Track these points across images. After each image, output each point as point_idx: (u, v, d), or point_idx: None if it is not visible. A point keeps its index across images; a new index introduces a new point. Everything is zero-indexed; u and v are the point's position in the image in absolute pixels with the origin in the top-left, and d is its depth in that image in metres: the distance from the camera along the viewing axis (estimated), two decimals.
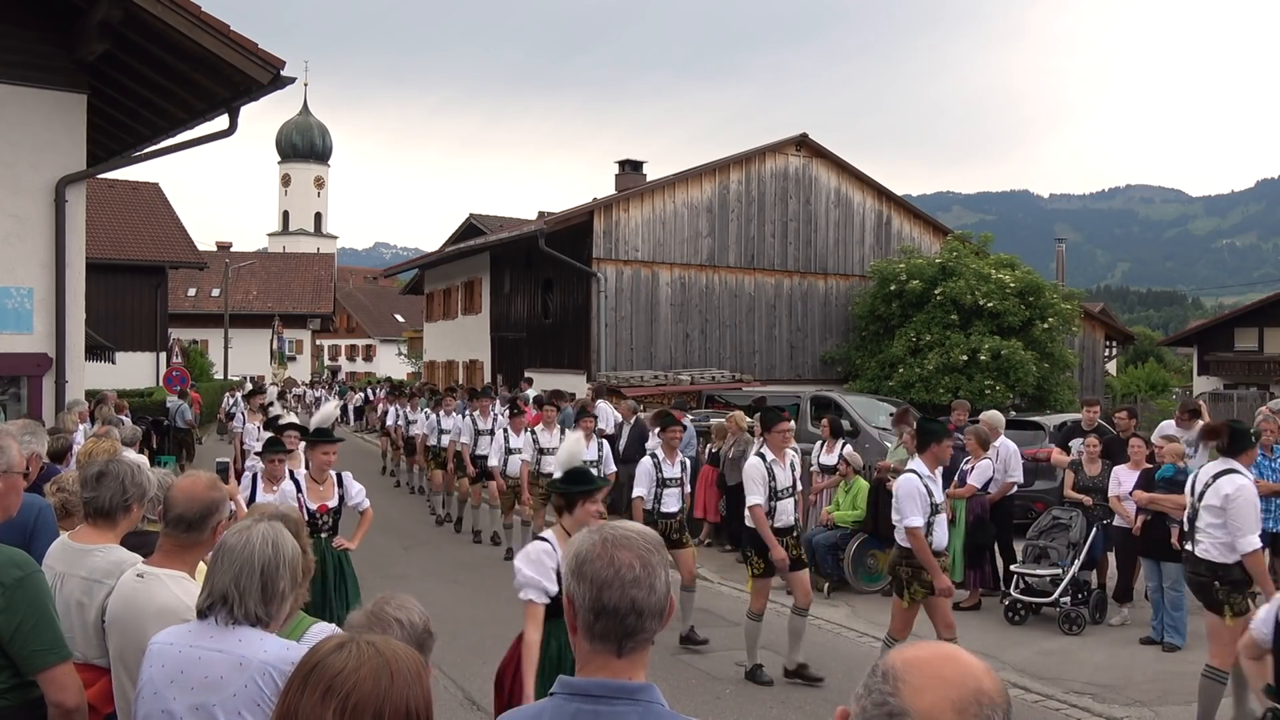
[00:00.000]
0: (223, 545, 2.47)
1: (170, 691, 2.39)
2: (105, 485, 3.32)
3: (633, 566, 1.84)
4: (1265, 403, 11.59)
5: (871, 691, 1.37)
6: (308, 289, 57.20)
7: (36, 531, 3.66)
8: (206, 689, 2.36)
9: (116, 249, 30.59)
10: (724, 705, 6.71)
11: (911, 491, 6.33)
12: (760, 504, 7.00)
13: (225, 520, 3.09)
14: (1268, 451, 8.35)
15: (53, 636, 2.82)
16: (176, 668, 2.41)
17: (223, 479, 5.58)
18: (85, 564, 3.22)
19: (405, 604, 2.62)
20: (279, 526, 2.55)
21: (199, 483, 3.05)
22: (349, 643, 1.70)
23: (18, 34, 9.68)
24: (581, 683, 1.83)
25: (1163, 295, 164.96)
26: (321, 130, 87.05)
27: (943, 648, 1.42)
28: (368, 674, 1.63)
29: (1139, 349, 45.41)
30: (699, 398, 18.07)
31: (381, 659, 1.65)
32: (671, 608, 1.90)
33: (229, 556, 2.43)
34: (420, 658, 1.75)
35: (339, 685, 1.61)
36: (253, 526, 2.49)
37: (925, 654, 1.39)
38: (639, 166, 27.38)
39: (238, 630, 2.40)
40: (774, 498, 7.10)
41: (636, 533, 1.91)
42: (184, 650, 2.42)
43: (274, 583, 2.43)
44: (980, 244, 24.16)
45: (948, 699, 1.32)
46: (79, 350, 10.45)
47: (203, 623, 2.45)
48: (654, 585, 1.85)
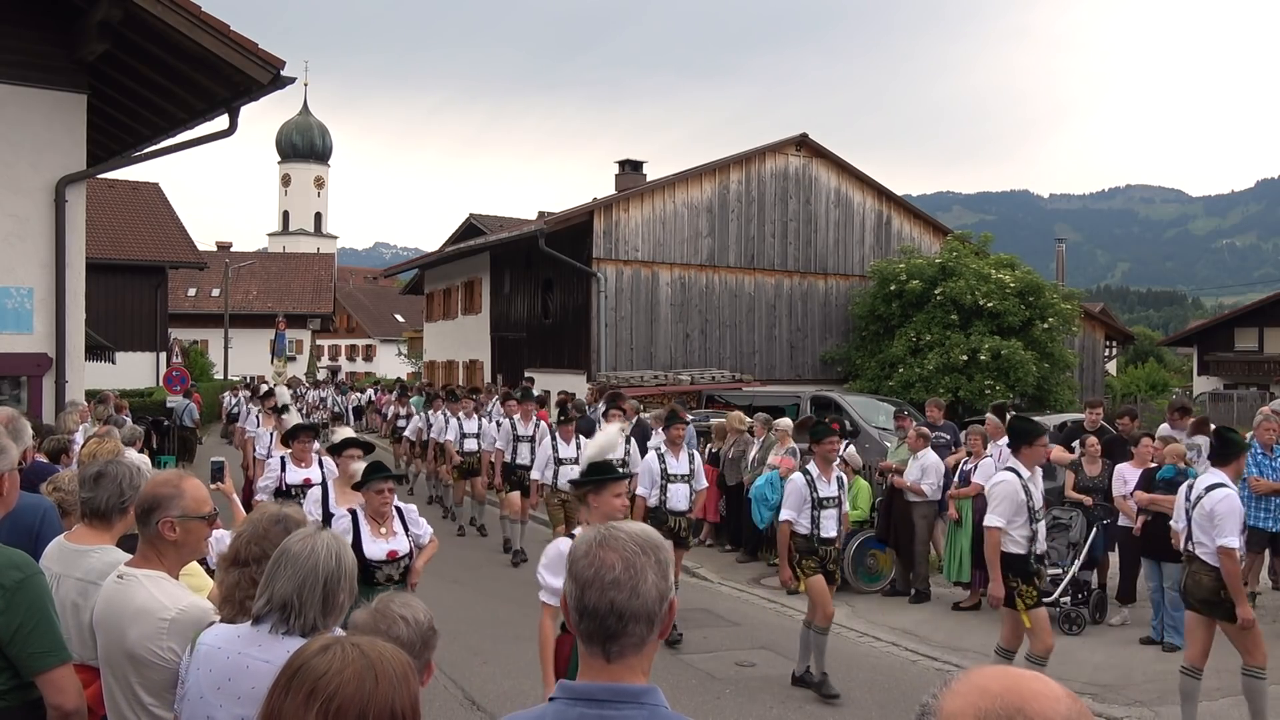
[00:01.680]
0: (286, 553, 2.41)
1: (216, 699, 2.35)
2: (103, 486, 3.30)
3: (614, 567, 1.77)
4: (1265, 403, 11.59)
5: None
6: (308, 289, 57.17)
7: (43, 533, 3.64)
8: (253, 701, 2.28)
9: (116, 249, 30.60)
10: (724, 705, 6.71)
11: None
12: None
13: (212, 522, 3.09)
14: (1268, 451, 8.35)
15: (52, 639, 2.81)
16: (224, 674, 2.37)
17: (218, 478, 5.56)
18: (81, 565, 3.21)
19: (409, 602, 2.62)
20: (339, 536, 2.52)
21: (156, 477, 3.07)
22: (334, 644, 1.68)
23: (18, 34, 9.68)
24: (583, 686, 1.79)
25: (1163, 295, 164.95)
26: (321, 130, 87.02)
27: (1014, 672, 1.32)
28: (351, 676, 1.61)
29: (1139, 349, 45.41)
30: (699, 398, 18.07)
31: (366, 660, 1.63)
32: (669, 615, 1.81)
33: (293, 564, 2.38)
34: (407, 659, 1.72)
35: (322, 688, 1.60)
36: (316, 535, 2.45)
37: (993, 670, 1.32)
38: (639, 166, 27.39)
39: (287, 640, 2.34)
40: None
41: (629, 533, 1.83)
42: (233, 657, 2.38)
43: (335, 595, 2.40)
44: (980, 244, 24.15)
45: (974, 706, 1.24)
46: (79, 350, 10.45)
47: (254, 629, 2.40)
48: (637, 588, 1.76)
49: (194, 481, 3.11)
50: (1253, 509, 8.39)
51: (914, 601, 9.78)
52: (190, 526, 3.00)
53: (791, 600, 9.83)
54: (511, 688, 6.90)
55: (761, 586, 10.55)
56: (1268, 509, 8.35)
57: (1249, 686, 5.89)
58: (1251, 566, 8.64)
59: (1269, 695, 5.93)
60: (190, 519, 2.99)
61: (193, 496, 3.04)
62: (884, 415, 14.97)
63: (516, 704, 6.61)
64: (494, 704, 6.52)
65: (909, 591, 9.95)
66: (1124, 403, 21.26)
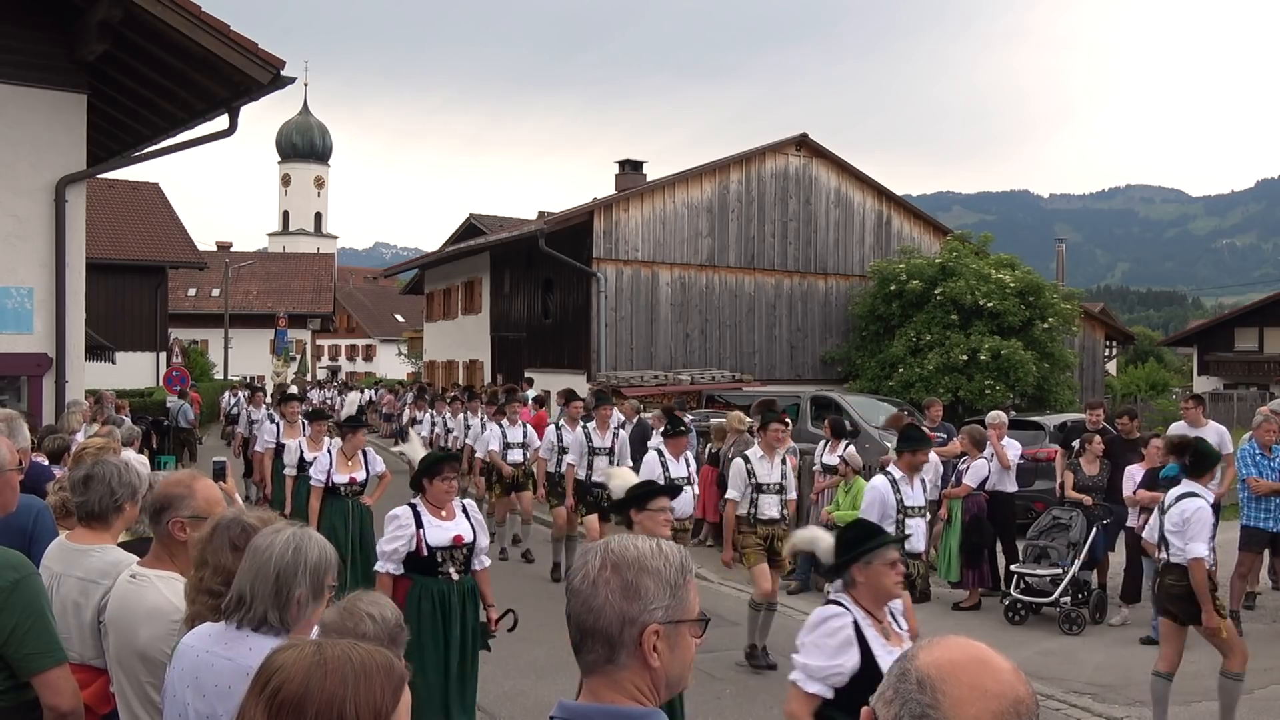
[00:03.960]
0: (252, 548, 2.44)
1: (186, 695, 2.38)
2: (93, 488, 3.29)
3: (577, 576, 1.70)
4: (1265, 403, 11.58)
5: (906, 701, 1.31)
6: (308, 289, 57.15)
7: (36, 534, 3.63)
8: (217, 697, 2.34)
9: (116, 249, 30.60)
10: (724, 705, 6.71)
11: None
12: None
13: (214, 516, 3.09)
14: (1266, 451, 8.35)
15: (48, 640, 2.80)
16: (193, 672, 2.40)
17: (220, 478, 5.56)
18: (82, 564, 3.21)
19: (377, 600, 2.63)
20: (310, 533, 2.50)
21: (168, 478, 3.08)
22: (302, 643, 1.63)
23: (18, 34, 9.67)
24: (576, 707, 1.70)
25: (1163, 295, 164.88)
26: (321, 130, 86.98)
27: (972, 649, 1.35)
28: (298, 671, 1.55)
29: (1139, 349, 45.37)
30: (699, 398, 18.07)
31: (320, 658, 1.56)
32: (643, 643, 1.65)
33: (250, 557, 2.40)
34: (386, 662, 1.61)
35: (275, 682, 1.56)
36: (281, 530, 2.46)
37: (958, 657, 1.33)
38: (639, 166, 27.39)
39: (250, 638, 2.36)
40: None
41: (616, 546, 1.71)
42: (201, 655, 2.41)
43: (288, 588, 2.38)
44: (980, 244, 24.15)
45: (990, 711, 1.27)
46: (79, 350, 10.45)
47: (225, 626, 2.42)
48: (589, 603, 1.65)
49: (206, 482, 3.13)
50: (1253, 509, 8.39)
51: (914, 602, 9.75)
52: (201, 527, 3.01)
53: (792, 600, 9.83)
54: (512, 688, 6.90)
55: None
56: (1267, 509, 8.34)
57: (1223, 687, 6.03)
58: (1251, 567, 8.64)
59: (1240, 697, 6.05)
60: (201, 519, 2.99)
61: (204, 497, 3.05)
62: (884, 415, 14.97)
63: (517, 704, 6.62)
64: (494, 704, 6.52)
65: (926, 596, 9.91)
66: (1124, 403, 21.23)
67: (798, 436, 11.58)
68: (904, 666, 1.35)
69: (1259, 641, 8.17)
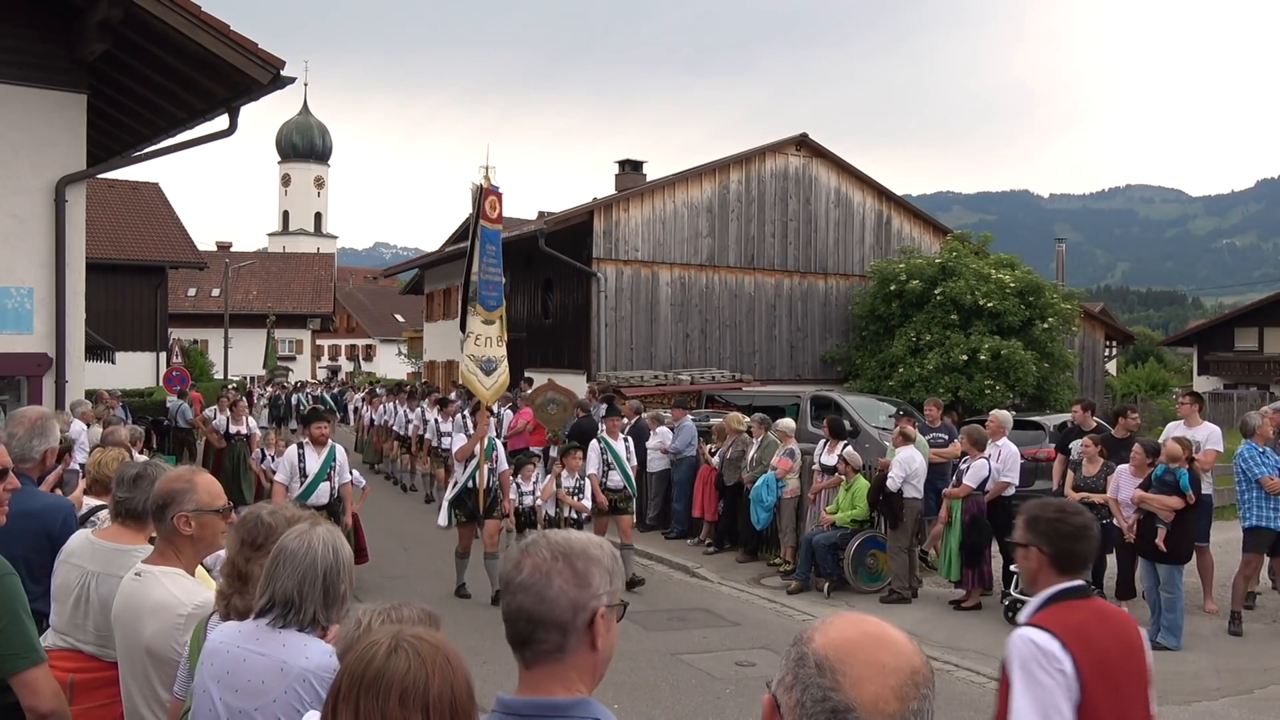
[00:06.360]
0: (283, 550, 2.44)
1: (216, 691, 2.40)
2: (141, 488, 3.29)
3: (521, 570, 1.73)
4: (1266, 403, 11.58)
5: (807, 686, 1.32)
6: (308, 289, 57.17)
7: (62, 536, 3.55)
8: (250, 693, 2.36)
9: (116, 249, 30.58)
10: (724, 705, 6.72)
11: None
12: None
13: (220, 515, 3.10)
14: (1278, 449, 8.35)
15: (24, 641, 2.76)
16: (224, 668, 2.42)
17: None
18: (124, 564, 3.17)
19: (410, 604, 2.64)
20: (337, 531, 2.55)
21: (169, 473, 3.10)
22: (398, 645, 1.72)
23: (18, 34, 9.68)
24: (512, 701, 1.74)
25: (1163, 295, 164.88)
26: (321, 130, 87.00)
27: (866, 624, 1.36)
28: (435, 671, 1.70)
29: (1139, 349, 45.33)
30: (699, 398, 18.07)
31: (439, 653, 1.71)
32: (593, 628, 1.73)
33: (291, 561, 2.41)
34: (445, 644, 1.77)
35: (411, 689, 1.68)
36: (311, 531, 2.48)
37: (853, 636, 1.33)
38: (639, 166, 27.41)
39: (283, 634, 2.39)
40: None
41: (551, 540, 1.77)
42: (232, 651, 2.43)
43: (335, 587, 2.44)
44: (980, 244, 24.15)
45: (889, 686, 1.28)
46: (79, 350, 10.45)
47: (254, 624, 2.44)
48: (543, 594, 1.70)
49: (206, 476, 3.15)
50: (1263, 509, 8.36)
51: (886, 600, 9.70)
52: (205, 520, 3.02)
53: (792, 600, 9.85)
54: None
55: (761, 586, 10.55)
56: (1275, 508, 8.33)
57: None
58: (1256, 568, 8.65)
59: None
60: (205, 512, 3.02)
61: (206, 490, 3.07)
62: (884, 415, 14.98)
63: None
64: None
65: (911, 595, 9.90)
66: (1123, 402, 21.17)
67: (798, 436, 11.59)
68: (801, 650, 1.36)
69: (1259, 641, 8.19)
